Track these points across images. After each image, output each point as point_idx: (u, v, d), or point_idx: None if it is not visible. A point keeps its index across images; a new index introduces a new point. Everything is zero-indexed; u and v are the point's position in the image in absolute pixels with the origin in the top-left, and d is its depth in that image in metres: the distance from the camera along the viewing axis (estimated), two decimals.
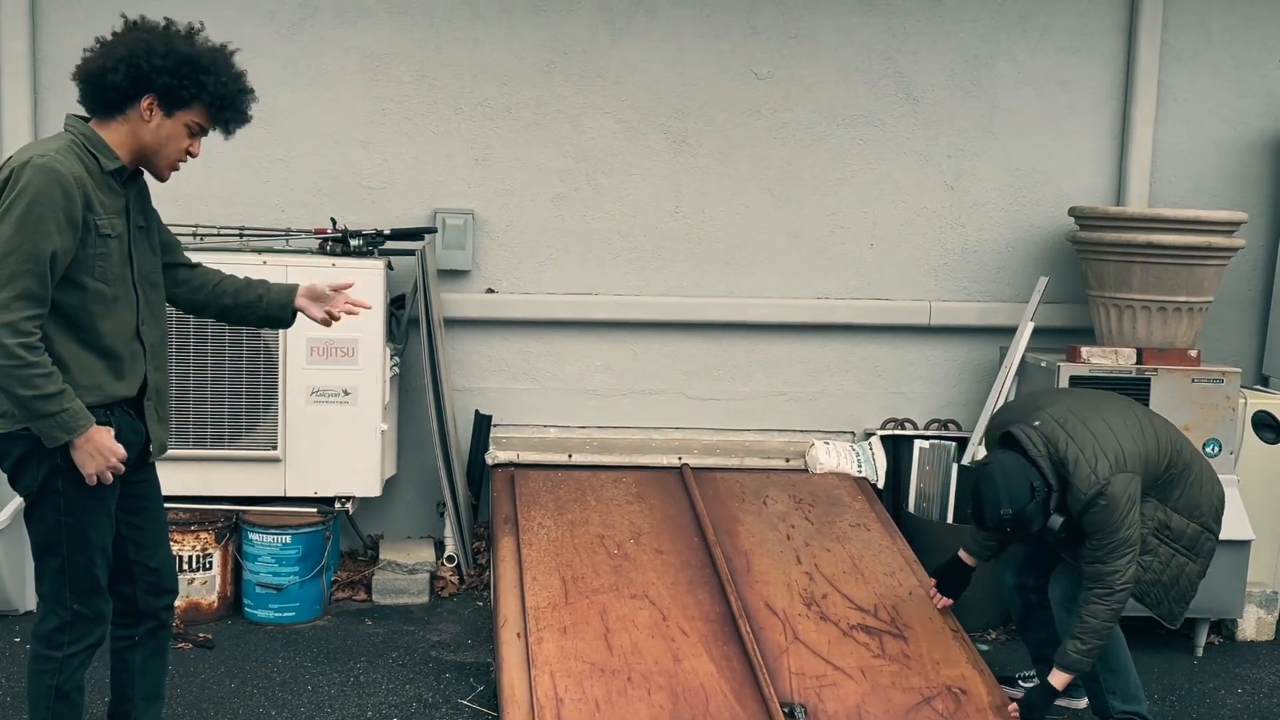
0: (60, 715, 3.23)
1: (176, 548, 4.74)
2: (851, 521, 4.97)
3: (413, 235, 5.22)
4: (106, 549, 3.24)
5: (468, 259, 5.47)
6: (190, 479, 4.87)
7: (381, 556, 5.33)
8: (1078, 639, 3.78)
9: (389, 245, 5.18)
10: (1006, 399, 5.20)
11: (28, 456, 3.10)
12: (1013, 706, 3.88)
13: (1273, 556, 5.16)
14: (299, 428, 4.96)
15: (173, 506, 4.68)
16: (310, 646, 4.70)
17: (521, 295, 5.57)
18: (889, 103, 5.65)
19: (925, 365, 5.76)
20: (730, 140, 5.60)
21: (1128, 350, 5.10)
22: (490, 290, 5.56)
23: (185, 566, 4.81)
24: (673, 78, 5.55)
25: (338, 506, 5.08)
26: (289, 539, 4.91)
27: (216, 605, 4.92)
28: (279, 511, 5.00)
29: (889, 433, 5.54)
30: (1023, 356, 5.28)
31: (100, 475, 3.10)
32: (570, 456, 5.33)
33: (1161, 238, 5.05)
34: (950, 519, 5.20)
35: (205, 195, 5.33)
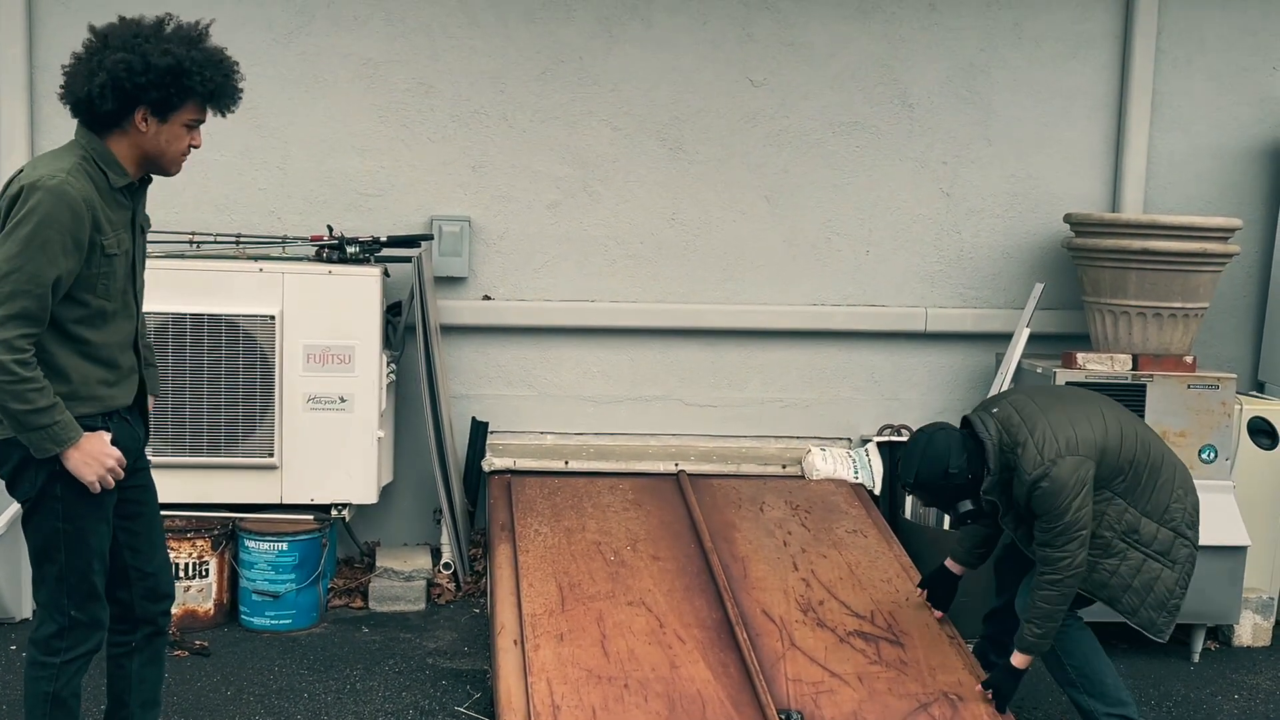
0: None
1: (173, 555, 4.73)
2: (848, 528, 4.98)
3: (409, 242, 5.22)
4: (104, 555, 3.24)
5: (464, 266, 5.48)
6: (186, 486, 4.86)
7: (378, 564, 5.32)
8: (1032, 623, 3.82)
9: (385, 252, 5.17)
10: None
11: (26, 462, 3.10)
12: (978, 689, 3.94)
13: (1269, 562, 5.16)
14: (295, 435, 4.96)
15: (169, 514, 4.67)
16: (307, 654, 4.69)
17: (518, 302, 5.57)
18: (885, 110, 5.66)
19: (921, 371, 5.77)
20: (726, 147, 5.61)
21: (1123, 356, 5.11)
22: (487, 297, 5.56)
23: (182, 574, 4.80)
24: (669, 85, 5.56)
25: (334, 513, 5.08)
26: (285, 546, 4.91)
27: (213, 612, 4.91)
28: (275, 519, 4.99)
29: (886, 439, 5.54)
30: (1019, 363, 5.29)
31: (102, 480, 3.10)
32: (567, 463, 5.33)
33: (1157, 244, 5.06)
34: (946, 526, 5.20)
35: (201, 202, 5.33)
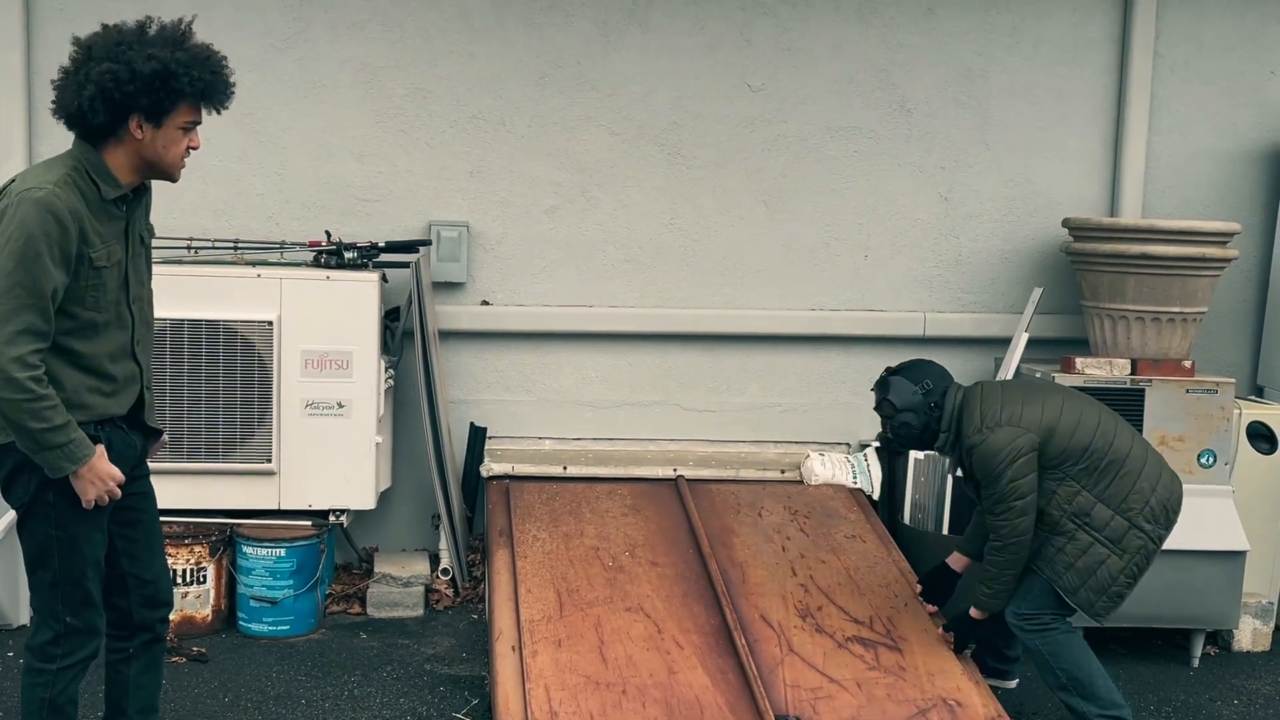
0: None
1: (170, 561, 4.70)
2: (847, 533, 4.97)
3: (407, 248, 5.22)
4: (99, 562, 3.23)
5: (462, 271, 5.47)
6: (184, 492, 4.85)
7: (376, 569, 5.31)
8: (983, 584, 4.08)
9: (384, 258, 5.17)
10: None
11: (20, 469, 3.09)
12: (941, 631, 4.25)
13: (1268, 567, 5.15)
14: (293, 440, 4.96)
15: (167, 520, 4.64)
16: (304, 660, 4.68)
17: (516, 307, 5.57)
18: (883, 115, 5.66)
19: None
20: (724, 152, 5.61)
21: (1122, 361, 5.10)
22: (485, 302, 5.55)
23: (179, 580, 4.79)
24: (667, 90, 5.56)
25: (332, 519, 5.07)
26: (283, 552, 4.90)
27: (210, 619, 4.90)
28: (273, 524, 4.99)
29: None
30: (1017, 367, 5.28)
31: (99, 500, 3.10)
32: (565, 469, 5.32)
33: (1155, 249, 5.06)
34: (946, 530, 5.19)
35: (200, 207, 5.33)
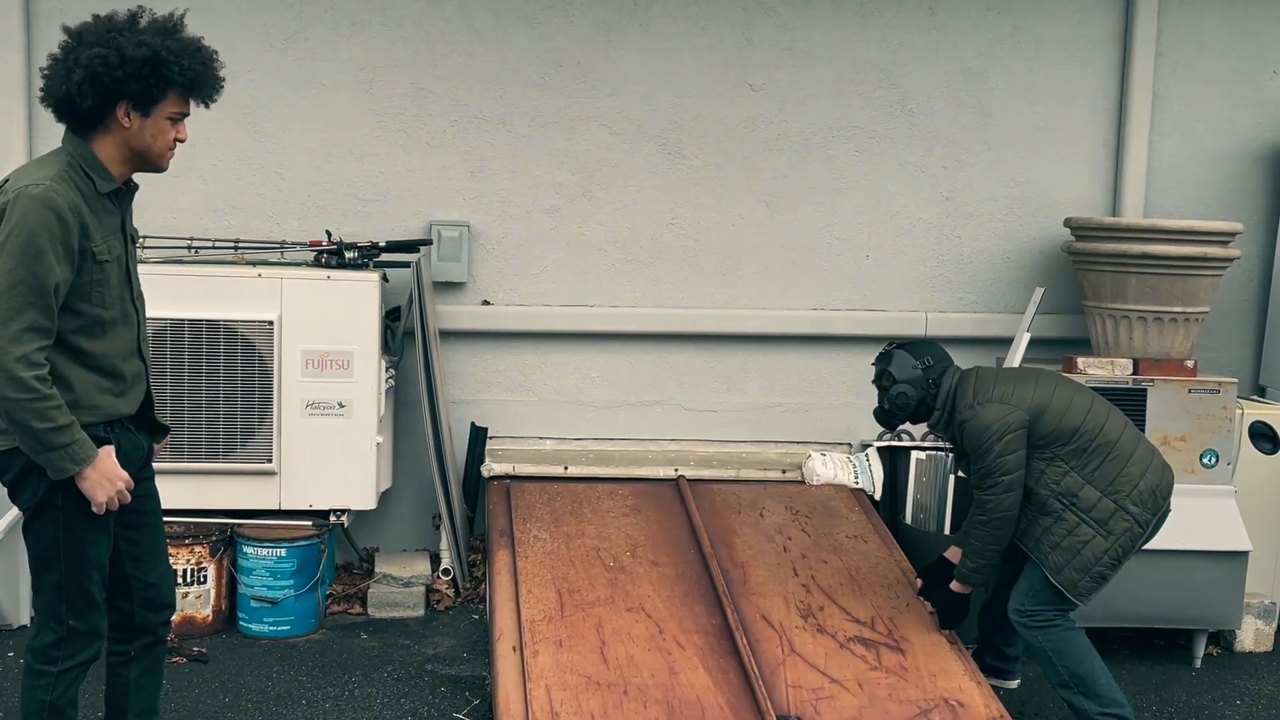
0: None
1: (171, 561, 4.70)
2: (848, 533, 4.96)
3: (408, 247, 5.21)
4: (104, 565, 3.22)
5: (463, 271, 5.47)
6: (184, 492, 4.84)
7: (377, 570, 5.31)
8: (966, 557, 4.16)
9: (384, 258, 5.16)
10: None
11: (28, 471, 3.08)
12: (927, 605, 4.34)
13: (1270, 567, 5.14)
14: (294, 440, 4.95)
15: (167, 520, 4.60)
16: (305, 660, 4.68)
17: (517, 307, 5.56)
18: (884, 114, 5.65)
19: None
20: (725, 152, 5.60)
21: (1124, 361, 5.10)
22: (486, 302, 5.55)
23: (180, 580, 4.78)
24: (668, 90, 5.55)
25: (333, 519, 5.07)
26: (284, 552, 4.89)
27: (211, 619, 4.90)
28: (274, 525, 4.98)
29: (886, 444, 5.53)
30: (1019, 367, 5.27)
31: (109, 503, 3.09)
32: (566, 469, 5.32)
33: (1157, 248, 5.05)
34: (948, 530, 5.18)
35: (200, 207, 5.32)
